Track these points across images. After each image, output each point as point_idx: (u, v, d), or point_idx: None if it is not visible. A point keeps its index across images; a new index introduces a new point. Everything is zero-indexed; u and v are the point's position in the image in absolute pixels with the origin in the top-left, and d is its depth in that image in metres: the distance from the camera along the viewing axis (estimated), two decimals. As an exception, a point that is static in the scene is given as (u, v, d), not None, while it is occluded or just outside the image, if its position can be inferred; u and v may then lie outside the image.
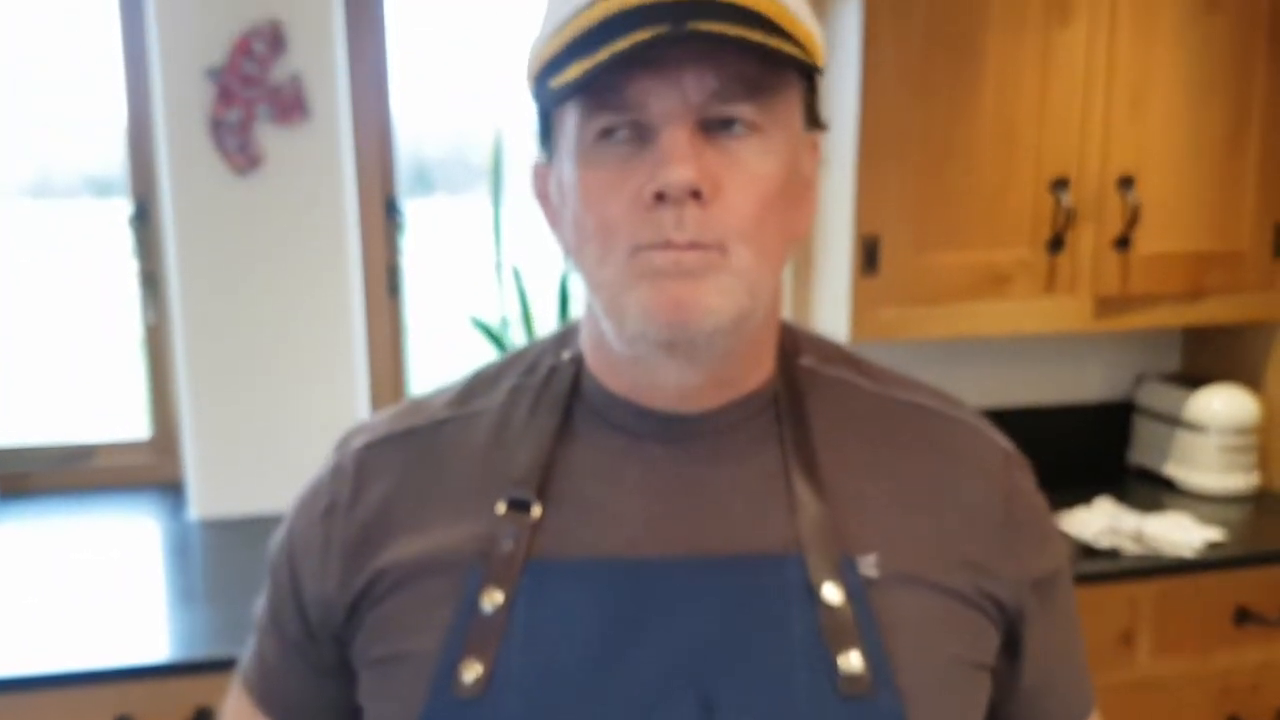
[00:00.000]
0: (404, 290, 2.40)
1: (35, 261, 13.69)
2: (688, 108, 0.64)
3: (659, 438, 0.74)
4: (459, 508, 0.74)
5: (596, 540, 0.71)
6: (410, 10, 2.35)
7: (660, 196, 0.64)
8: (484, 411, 0.78)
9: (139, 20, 2.15)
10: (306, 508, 0.80)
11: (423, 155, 2.84)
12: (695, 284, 0.65)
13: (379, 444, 0.79)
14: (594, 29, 0.64)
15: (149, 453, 2.32)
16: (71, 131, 3.25)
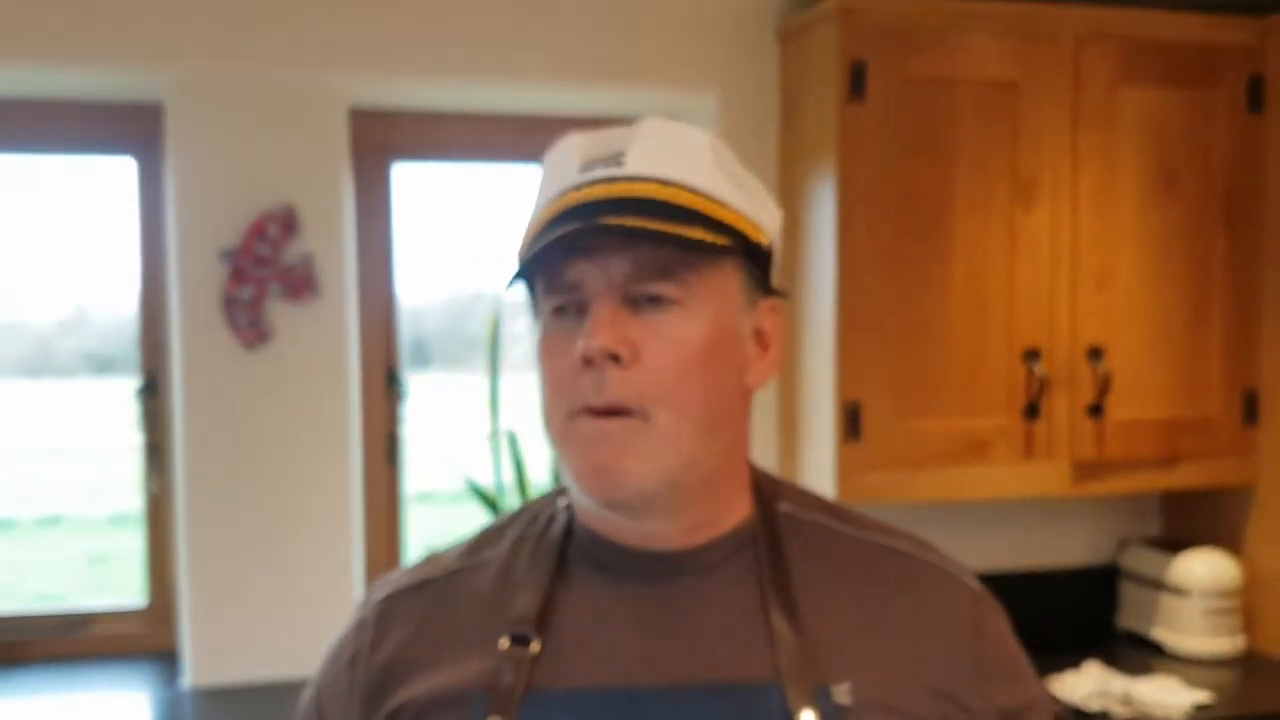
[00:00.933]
0: (403, 458, 2.47)
1: (35, 434, 13.72)
2: (613, 286, 0.76)
3: (644, 576, 0.81)
4: (467, 646, 0.81)
5: (589, 671, 0.78)
6: (413, 190, 2.50)
7: (587, 361, 0.75)
8: (491, 560, 0.86)
9: (156, 201, 2.28)
10: (334, 658, 0.88)
11: (421, 330, 2.95)
12: (617, 451, 0.74)
13: (398, 595, 0.87)
14: (548, 222, 0.78)
15: (145, 621, 2.32)
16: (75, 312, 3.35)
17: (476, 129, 2.46)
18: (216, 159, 2.13)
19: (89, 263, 2.78)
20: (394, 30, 2.19)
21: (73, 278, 2.83)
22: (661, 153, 0.79)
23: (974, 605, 0.85)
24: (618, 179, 0.77)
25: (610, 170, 0.78)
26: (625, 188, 0.76)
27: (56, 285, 2.88)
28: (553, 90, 2.33)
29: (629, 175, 0.77)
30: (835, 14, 2.04)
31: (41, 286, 2.93)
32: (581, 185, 0.77)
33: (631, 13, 2.28)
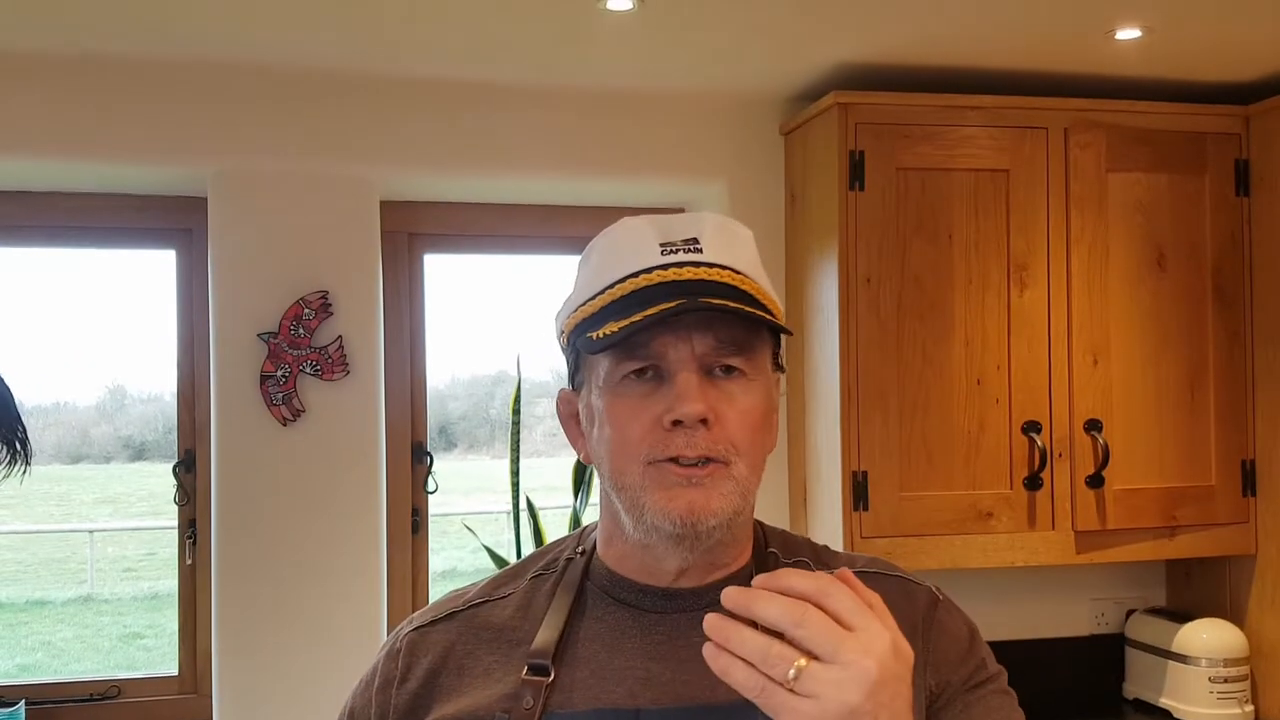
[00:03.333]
0: (427, 531, 2.56)
1: (71, 517, 13.83)
2: (694, 357, 0.88)
3: (656, 609, 0.93)
4: (489, 673, 0.92)
5: (599, 694, 0.89)
6: (437, 281, 2.64)
7: (677, 423, 0.86)
8: (511, 595, 0.98)
9: (195, 287, 2.42)
10: (365, 685, 0.98)
11: (445, 413, 3.07)
12: (704, 492, 0.87)
13: (425, 627, 0.97)
14: (627, 298, 0.88)
15: (177, 690, 2.40)
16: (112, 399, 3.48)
17: (498, 217, 2.60)
18: (255, 247, 2.28)
19: (126, 352, 2.92)
20: (422, 127, 2.35)
21: (110, 367, 2.97)
22: (727, 243, 0.92)
23: (930, 604, 0.96)
24: (701, 264, 0.89)
25: (693, 255, 0.89)
26: (708, 272, 0.88)
27: (94, 373, 3.02)
28: (570, 181, 2.48)
29: (710, 262, 0.89)
30: (834, 109, 2.18)
31: (81, 374, 3.08)
32: (669, 265, 0.89)
33: (644, 109, 2.43)
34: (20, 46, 2.10)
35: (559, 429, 1.03)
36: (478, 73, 2.31)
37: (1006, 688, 0.96)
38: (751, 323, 0.88)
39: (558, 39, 2.10)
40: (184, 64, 2.21)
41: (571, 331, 0.94)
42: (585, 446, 0.96)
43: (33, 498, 17.06)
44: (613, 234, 0.95)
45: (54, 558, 12.84)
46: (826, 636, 0.71)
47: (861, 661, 0.70)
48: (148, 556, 12.65)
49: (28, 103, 2.15)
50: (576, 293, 0.94)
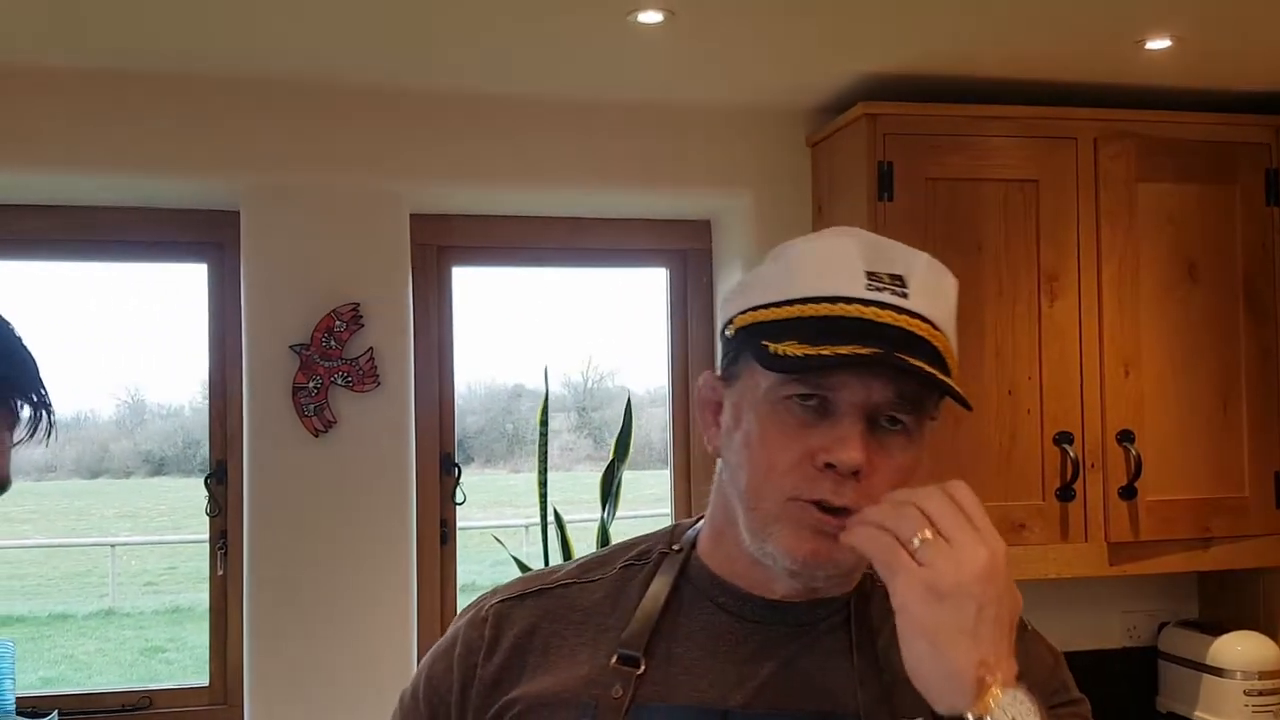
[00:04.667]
0: (455, 541, 2.57)
1: (92, 528, 13.92)
2: (866, 404, 0.84)
3: (753, 617, 0.92)
4: (577, 655, 0.91)
5: (691, 691, 0.88)
6: (459, 294, 2.66)
7: (829, 466, 0.83)
8: (600, 580, 0.97)
9: (227, 301, 2.43)
10: (443, 653, 0.97)
11: (462, 427, 3.09)
12: (832, 544, 0.84)
13: (512, 600, 0.97)
14: (819, 322, 0.84)
15: (208, 701, 2.42)
16: (132, 414, 3.49)
17: (524, 230, 2.62)
18: (287, 259, 2.30)
19: (145, 366, 2.95)
20: (450, 141, 2.37)
21: (130, 382, 3.00)
22: (932, 292, 0.88)
23: (1019, 628, 0.94)
24: (904, 310, 0.84)
25: (897, 299, 0.85)
26: (909, 322, 0.84)
27: (114, 389, 3.05)
28: (597, 194, 2.49)
29: (912, 310, 0.85)
30: (862, 120, 2.19)
31: (100, 390, 3.11)
32: (871, 303, 0.84)
33: (671, 122, 2.44)
34: (54, 62, 2.13)
35: (575, 443, 1.02)
36: (507, 87, 2.33)
37: (1089, 716, 0.95)
38: (936, 386, 0.84)
39: (588, 53, 2.12)
40: (216, 79, 2.23)
41: (745, 327, 0.90)
42: (716, 438, 0.94)
43: (53, 512, 17.18)
44: (817, 243, 0.91)
45: (75, 571, 12.93)
46: (953, 519, 0.76)
47: (978, 549, 0.76)
48: (168, 570, 12.71)
49: (62, 118, 2.18)
50: (760, 289, 0.90)
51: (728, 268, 2.62)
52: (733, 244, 2.59)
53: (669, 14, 1.88)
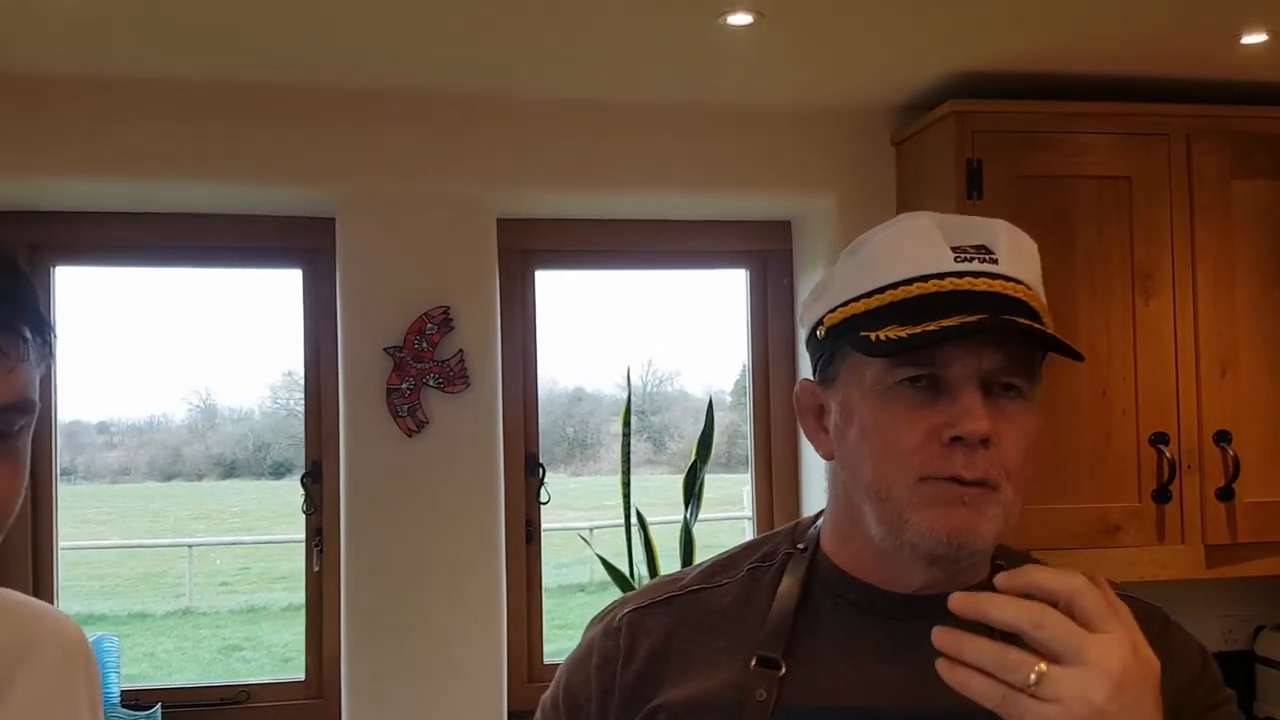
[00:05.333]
0: (540, 540, 2.61)
1: (166, 529, 14.26)
2: (979, 373, 0.84)
3: (889, 614, 0.91)
4: (715, 661, 0.92)
5: (832, 693, 0.88)
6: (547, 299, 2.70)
7: (956, 439, 0.83)
8: (727, 584, 0.97)
9: (321, 306, 2.50)
10: (581, 664, 0.99)
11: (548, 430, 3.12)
12: (974, 514, 0.84)
13: (643, 609, 0.98)
14: (915, 302, 0.85)
15: (304, 695, 2.48)
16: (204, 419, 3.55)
17: (605, 233, 2.65)
18: (381, 264, 2.36)
19: (216, 371, 3.03)
20: (535, 147, 2.41)
21: (201, 387, 3.08)
22: (1018, 254, 0.88)
23: (1164, 624, 0.94)
24: (997, 275, 0.85)
25: (988, 265, 0.85)
26: (1004, 286, 0.85)
27: (186, 394, 3.13)
28: (678, 196, 2.51)
29: (1005, 274, 0.86)
30: (950, 118, 2.18)
31: (173, 395, 3.20)
32: (964, 274, 0.85)
33: (754, 123, 2.46)
34: (156, 73, 2.20)
35: (635, 447, 1.02)
36: (591, 92, 2.36)
37: (1237, 711, 0.94)
38: (1043, 343, 0.84)
39: (675, 57, 2.14)
40: (312, 90, 2.29)
41: (836, 325, 0.90)
42: (827, 442, 0.94)
43: (129, 514, 17.67)
44: (894, 230, 0.91)
45: (151, 572, 13.26)
46: (1067, 638, 0.69)
47: (1104, 662, 0.68)
48: (241, 571, 13.00)
49: (163, 128, 2.26)
50: (843, 285, 0.91)
51: (809, 269, 2.62)
52: (814, 245, 2.59)
53: (759, 15, 1.89)
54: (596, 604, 4.49)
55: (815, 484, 2.61)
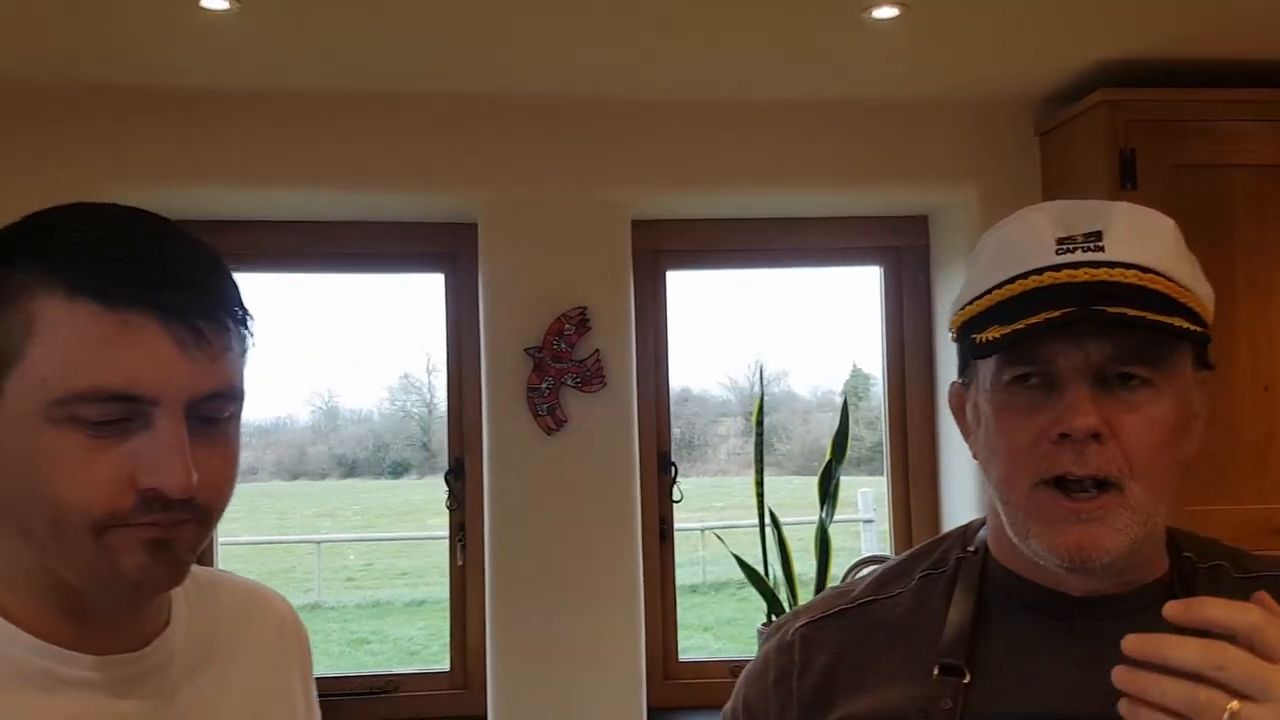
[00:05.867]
0: (673, 538, 2.63)
1: (292, 527, 14.74)
2: (1089, 365, 0.82)
3: (1069, 616, 0.89)
4: (892, 673, 0.91)
5: (1019, 699, 0.86)
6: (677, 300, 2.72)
7: (1064, 436, 0.81)
8: (900, 594, 0.96)
9: (462, 309, 2.57)
10: (758, 679, 0.99)
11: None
12: (1093, 529, 0.81)
13: (816, 623, 0.98)
14: (1014, 301, 0.84)
15: (448, 685, 2.55)
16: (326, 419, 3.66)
17: (736, 232, 2.65)
18: (521, 267, 2.41)
19: (338, 373, 3.12)
20: (670, 149, 2.43)
21: (323, 389, 3.19)
22: (1136, 236, 0.84)
23: None
24: (1101, 264, 0.82)
25: (1091, 254, 0.83)
26: (1109, 273, 0.81)
27: (310, 396, 3.24)
28: (812, 193, 2.51)
29: (1111, 261, 0.82)
30: (1101, 107, 2.12)
31: (297, 397, 3.32)
32: (1062, 266, 0.83)
33: (890, 117, 2.43)
34: (300, 85, 2.30)
35: (743, 448, 1.01)
36: (726, 93, 2.37)
37: None
38: (1154, 330, 0.80)
39: (818, 53, 2.14)
40: (452, 98, 2.37)
41: (959, 327, 0.91)
42: (973, 442, 0.93)
43: (257, 512, 18.39)
44: (1006, 227, 0.90)
45: (279, 568, 13.78)
46: (1253, 676, 0.66)
47: None
48: (366, 567, 13.41)
49: (307, 138, 2.35)
50: (967, 288, 0.91)
51: (947, 264, 2.58)
52: (953, 240, 2.55)
53: (904, 8, 1.88)
54: (710, 605, 4.54)
55: (956, 485, 2.57)
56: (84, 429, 0.69)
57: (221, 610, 0.89)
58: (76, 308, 0.69)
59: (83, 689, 0.73)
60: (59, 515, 0.69)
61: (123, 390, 0.69)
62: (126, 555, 0.70)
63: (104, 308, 0.69)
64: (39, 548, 0.72)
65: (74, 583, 0.73)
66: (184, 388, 0.70)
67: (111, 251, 0.70)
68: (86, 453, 0.69)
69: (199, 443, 0.71)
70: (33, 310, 0.69)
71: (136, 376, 0.69)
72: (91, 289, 0.69)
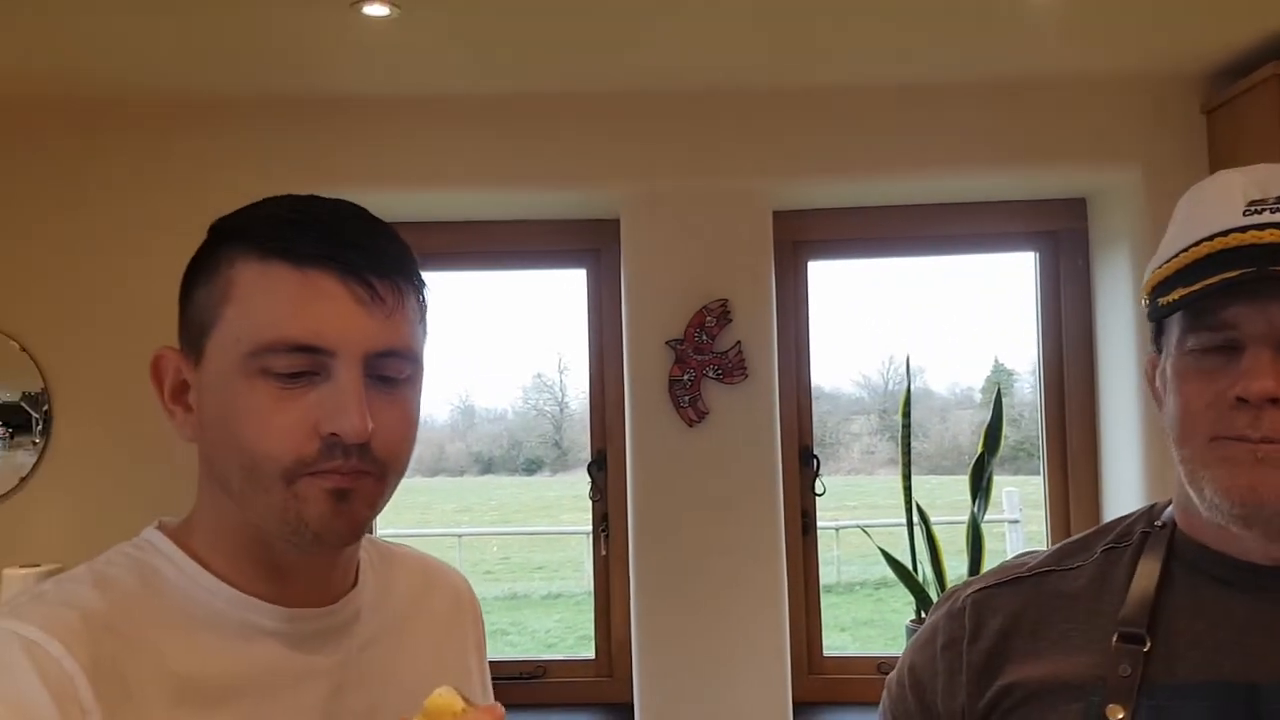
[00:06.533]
0: (815, 532, 2.60)
1: (434, 521, 15.19)
2: (1271, 329, 0.80)
3: (1253, 585, 0.87)
4: (1068, 643, 0.90)
5: (1204, 668, 0.84)
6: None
7: (1242, 400, 0.80)
8: (1081, 566, 0.95)
9: (604, 303, 2.61)
10: (925, 644, 0.99)
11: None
12: (1268, 473, 0.80)
13: (989, 589, 0.97)
14: (1200, 263, 0.83)
15: (594, 672, 2.59)
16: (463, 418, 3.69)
17: (878, 220, 2.60)
18: (663, 260, 2.43)
19: (474, 373, 3.17)
20: (810, 137, 2.41)
21: (461, 388, 3.25)
22: None
23: None
24: None
25: (1278, 215, 0.82)
26: None
27: (449, 395, 3.31)
28: (960, 178, 2.43)
29: None
30: (1273, 80, 1.99)
31: (439, 396, 3.40)
32: (1248, 228, 0.82)
33: (1045, 97, 2.34)
34: (459, 89, 2.37)
35: (876, 447, 0.98)
36: (867, 77, 2.33)
37: None
38: None
39: (969, 31, 2.08)
40: (598, 96, 2.40)
41: (1148, 293, 0.90)
42: (1164, 413, 0.91)
43: (401, 507, 19.05)
44: (1199, 190, 0.89)
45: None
46: None
47: None
48: (503, 560, 13.73)
49: (468, 141, 2.42)
50: (1158, 253, 0.90)
51: (1109, 247, 2.47)
52: (1114, 222, 2.44)
53: (1062, -16, 1.81)
54: (845, 606, 4.46)
55: (1119, 480, 2.46)
56: (274, 381, 0.74)
57: (403, 579, 0.92)
58: (268, 268, 0.75)
59: (275, 639, 0.78)
60: (253, 463, 0.74)
61: (306, 341, 0.74)
62: (311, 504, 0.74)
63: (291, 266, 0.75)
64: (237, 499, 0.77)
65: (267, 535, 0.77)
66: (360, 341, 0.75)
67: (299, 219, 0.77)
68: (277, 402, 0.74)
69: (378, 399, 0.76)
70: (230, 277, 0.76)
71: (318, 329, 0.74)
72: (281, 250, 0.75)
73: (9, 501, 2.39)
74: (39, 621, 0.69)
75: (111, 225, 2.37)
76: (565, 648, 8.87)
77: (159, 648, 0.73)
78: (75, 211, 2.40)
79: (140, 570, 0.77)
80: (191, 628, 0.75)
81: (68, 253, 2.39)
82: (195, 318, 0.78)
